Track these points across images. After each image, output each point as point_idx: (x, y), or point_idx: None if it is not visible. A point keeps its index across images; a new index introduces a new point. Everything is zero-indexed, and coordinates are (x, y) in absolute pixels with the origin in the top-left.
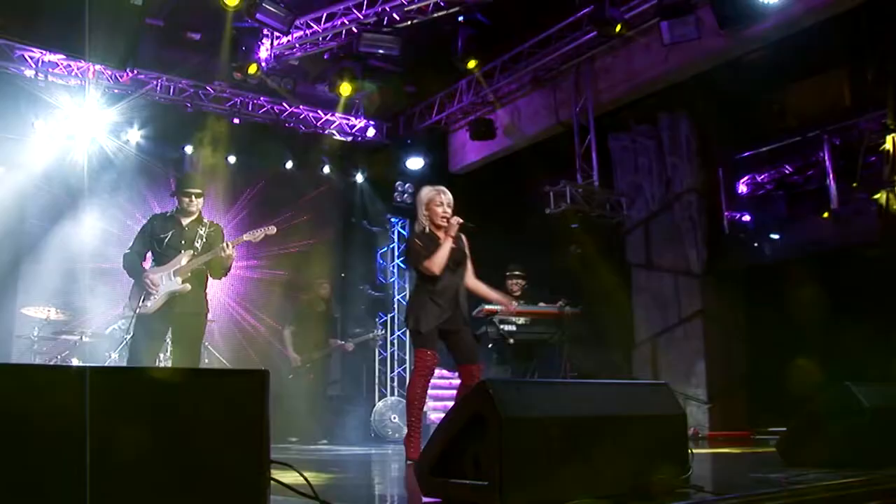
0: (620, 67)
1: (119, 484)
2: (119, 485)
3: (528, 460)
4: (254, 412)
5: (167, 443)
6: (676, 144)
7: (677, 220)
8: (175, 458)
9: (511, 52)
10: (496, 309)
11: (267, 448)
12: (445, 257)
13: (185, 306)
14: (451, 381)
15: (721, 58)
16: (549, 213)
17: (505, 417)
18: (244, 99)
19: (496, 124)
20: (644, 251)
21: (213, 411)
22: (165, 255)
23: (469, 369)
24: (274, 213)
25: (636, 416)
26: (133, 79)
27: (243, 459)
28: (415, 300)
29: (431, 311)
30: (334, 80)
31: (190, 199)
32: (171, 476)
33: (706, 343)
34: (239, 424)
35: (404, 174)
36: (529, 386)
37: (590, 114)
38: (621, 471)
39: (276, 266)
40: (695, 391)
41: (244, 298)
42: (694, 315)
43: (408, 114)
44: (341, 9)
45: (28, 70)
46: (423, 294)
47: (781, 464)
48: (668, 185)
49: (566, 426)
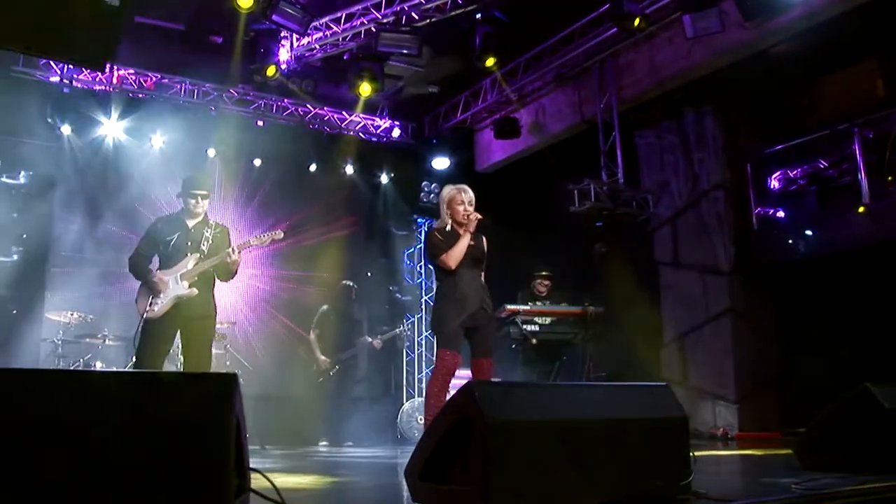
0: (643, 63)
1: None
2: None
3: (515, 466)
4: (220, 416)
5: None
6: (703, 140)
7: (704, 216)
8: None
9: (534, 50)
10: (519, 309)
11: (232, 452)
12: (462, 251)
13: (192, 310)
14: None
15: (746, 51)
16: (574, 211)
17: (490, 421)
18: (268, 101)
19: (520, 123)
20: (671, 249)
21: (178, 415)
22: (172, 258)
23: (480, 363)
24: (298, 214)
25: (633, 420)
26: (157, 83)
27: (208, 463)
28: (439, 302)
29: (453, 310)
30: (354, 81)
31: (196, 200)
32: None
33: (734, 342)
34: (204, 428)
35: (430, 174)
36: (518, 389)
37: (614, 110)
38: (617, 477)
39: (301, 267)
40: (723, 391)
41: (270, 301)
42: (722, 313)
43: (433, 114)
44: (360, 9)
45: (53, 76)
46: (445, 293)
47: (799, 468)
48: (694, 182)
49: (556, 431)
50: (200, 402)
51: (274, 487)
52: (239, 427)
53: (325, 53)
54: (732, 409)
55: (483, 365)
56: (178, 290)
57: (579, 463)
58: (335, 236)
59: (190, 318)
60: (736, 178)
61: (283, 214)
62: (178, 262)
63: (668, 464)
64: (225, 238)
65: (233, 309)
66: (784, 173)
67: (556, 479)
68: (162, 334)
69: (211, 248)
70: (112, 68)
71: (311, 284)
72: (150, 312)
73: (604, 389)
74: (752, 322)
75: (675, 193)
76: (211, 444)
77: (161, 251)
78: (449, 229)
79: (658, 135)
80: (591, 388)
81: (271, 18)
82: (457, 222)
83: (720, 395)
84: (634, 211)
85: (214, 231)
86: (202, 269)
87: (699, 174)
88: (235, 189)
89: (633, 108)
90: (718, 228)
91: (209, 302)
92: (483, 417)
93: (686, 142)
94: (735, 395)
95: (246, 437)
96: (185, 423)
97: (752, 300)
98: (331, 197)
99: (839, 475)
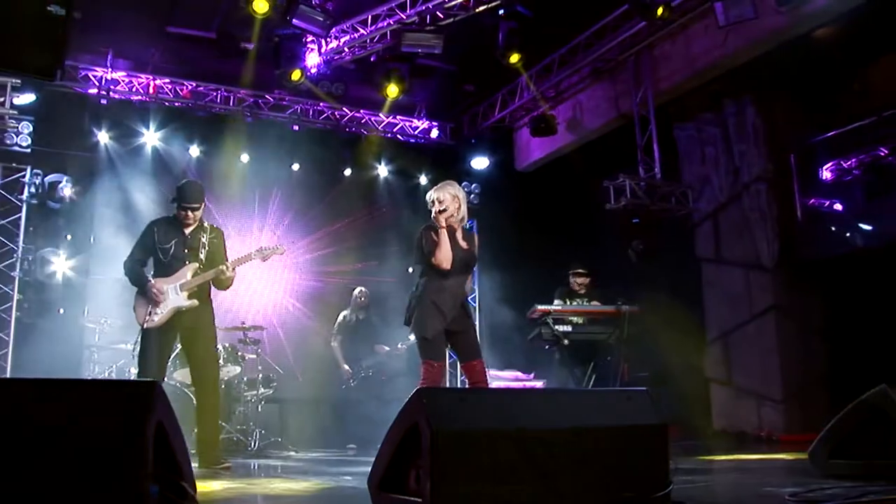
0: (679, 54)
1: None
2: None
3: (468, 475)
4: (133, 424)
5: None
6: (743, 131)
7: (746, 210)
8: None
9: (567, 45)
10: (549, 309)
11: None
12: (448, 250)
13: (191, 318)
14: (525, 383)
15: (783, 36)
16: (610, 208)
17: (438, 430)
18: (304, 106)
19: (558, 120)
20: (713, 244)
21: (92, 423)
22: (170, 266)
23: (472, 366)
24: (336, 217)
25: (604, 428)
26: (193, 91)
27: (120, 472)
28: (417, 304)
29: (436, 315)
30: (381, 83)
31: (187, 213)
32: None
33: (779, 340)
34: (117, 436)
35: (470, 174)
36: (473, 396)
37: (650, 104)
38: (585, 487)
39: (338, 273)
40: (769, 391)
41: (304, 304)
42: (766, 310)
43: (471, 113)
44: (385, 10)
45: (92, 88)
46: (426, 296)
47: (815, 474)
48: (736, 175)
49: (515, 439)
50: (114, 411)
51: (192, 495)
52: (164, 436)
53: (354, 56)
54: (778, 410)
55: (476, 367)
56: (178, 302)
57: (542, 472)
58: (373, 240)
59: (189, 326)
60: (779, 169)
61: (321, 218)
62: (177, 270)
63: (645, 473)
64: (220, 242)
65: (265, 314)
66: (837, 163)
67: (515, 489)
68: (162, 342)
69: (208, 254)
70: (148, 78)
71: (341, 290)
72: (150, 322)
73: (574, 396)
74: (798, 319)
75: (716, 187)
76: (125, 452)
77: (158, 258)
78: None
79: (698, 127)
80: (562, 394)
81: (291, 22)
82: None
83: (765, 395)
84: (673, 206)
85: (210, 236)
86: (200, 281)
87: (740, 167)
88: (273, 195)
89: (671, 101)
90: (761, 222)
91: (207, 309)
92: (431, 426)
93: (726, 134)
94: (781, 395)
95: (182, 445)
96: (100, 432)
97: (798, 296)
98: (368, 200)
99: (853, 484)
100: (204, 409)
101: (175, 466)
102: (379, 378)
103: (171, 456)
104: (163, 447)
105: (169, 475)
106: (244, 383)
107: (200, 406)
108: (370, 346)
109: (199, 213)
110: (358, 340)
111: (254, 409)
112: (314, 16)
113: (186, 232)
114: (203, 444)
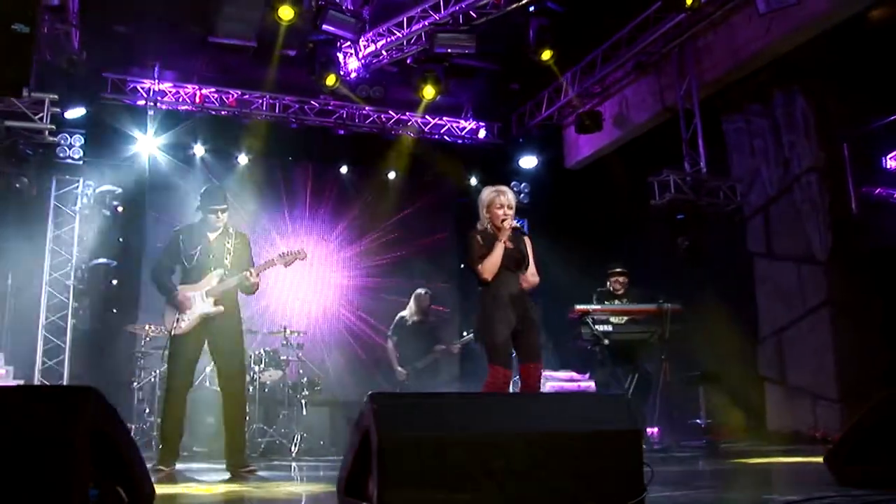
0: (722, 44)
1: None
2: None
3: (417, 482)
4: (64, 431)
5: None
6: (792, 122)
7: (798, 203)
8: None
9: (610, 40)
10: (588, 309)
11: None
12: (498, 261)
13: (218, 324)
14: (579, 383)
15: (827, 21)
16: (654, 204)
17: (385, 436)
18: (350, 110)
19: (605, 116)
20: (764, 239)
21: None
22: (195, 273)
23: (528, 368)
24: (385, 219)
25: (569, 434)
26: (238, 99)
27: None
28: (484, 312)
29: (503, 320)
30: (418, 84)
31: (216, 215)
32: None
33: (835, 336)
34: (47, 443)
35: (518, 173)
36: (427, 401)
37: (694, 96)
38: (548, 495)
39: (384, 274)
40: (824, 389)
41: (357, 307)
42: (820, 305)
43: (519, 112)
44: (419, 12)
45: (140, 100)
46: (490, 303)
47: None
48: (786, 167)
49: (470, 445)
50: (43, 419)
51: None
52: (106, 441)
53: (392, 59)
54: (834, 409)
55: (531, 370)
56: (204, 308)
57: (500, 480)
58: (422, 242)
59: (216, 332)
60: (831, 159)
61: (370, 221)
62: (203, 277)
63: (616, 481)
64: (246, 247)
65: (310, 318)
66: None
67: (469, 497)
68: (190, 349)
69: (233, 259)
70: (194, 88)
71: (392, 292)
72: (178, 329)
73: (539, 401)
74: (855, 314)
75: (765, 180)
76: (54, 459)
77: (184, 265)
78: (490, 231)
79: (746, 119)
80: (528, 399)
81: (321, 28)
82: (496, 226)
83: (821, 395)
84: (721, 201)
85: (235, 241)
86: (226, 287)
87: (790, 158)
88: (322, 199)
89: (717, 93)
90: (812, 214)
91: (234, 315)
92: (379, 432)
93: (775, 125)
94: (837, 394)
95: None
96: (29, 439)
97: (854, 290)
98: (417, 201)
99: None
100: (230, 414)
101: (122, 470)
102: (433, 381)
103: (116, 460)
104: (104, 452)
105: (109, 480)
106: (288, 387)
107: (227, 411)
108: (426, 348)
109: (226, 214)
110: (414, 342)
111: (298, 412)
112: (345, 20)
113: (211, 238)
114: (229, 448)
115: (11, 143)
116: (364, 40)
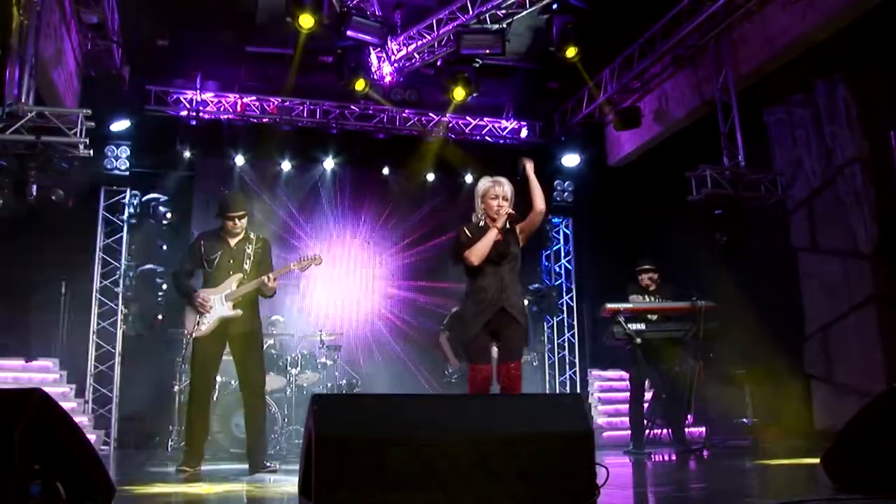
0: (757, 34)
1: None
2: None
3: (353, 483)
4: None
5: None
6: (835, 111)
7: (841, 195)
8: None
9: (645, 35)
10: (619, 307)
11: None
12: (488, 247)
13: (237, 327)
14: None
15: (865, 5)
16: (692, 200)
17: (321, 436)
18: (391, 114)
19: (644, 111)
20: (808, 233)
21: None
22: (215, 277)
23: (504, 367)
24: (427, 221)
25: (517, 435)
26: (279, 106)
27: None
28: (462, 301)
29: (478, 315)
30: (447, 85)
31: (234, 222)
32: None
33: (882, 332)
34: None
35: (561, 172)
36: (371, 402)
37: (731, 88)
38: (492, 498)
39: (427, 277)
40: (873, 387)
41: (397, 309)
42: (866, 300)
43: (561, 110)
44: (446, 14)
45: (183, 111)
46: (468, 292)
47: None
48: (828, 158)
49: (410, 447)
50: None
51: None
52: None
53: (424, 62)
54: None
55: (508, 369)
56: (223, 312)
57: (441, 482)
58: None
59: (236, 335)
60: (875, 149)
61: (412, 223)
62: (222, 281)
63: (566, 483)
64: (266, 251)
65: (349, 320)
66: None
67: (409, 498)
68: (211, 351)
69: (253, 264)
70: (235, 97)
71: (434, 294)
72: (198, 332)
73: (488, 402)
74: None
75: (808, 172)
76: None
77: (206, 269)
78: (482, 224)
79: (788, 110)
80: (475, 400)
81: (346, 34)
82: (490, 217)
83: (868, 392)
84: (762, 195)
85: (255, 246)
86: (245, 290)
87: (833, 149)
88: (363, 203)
89: (758, 85)
90: (857, 206)
91: (254, 318)
92: (317, 432)
93: (817, 115)
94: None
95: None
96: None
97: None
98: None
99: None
100: (250, 415)
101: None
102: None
103: (64, 458)
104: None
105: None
106: (325, 389)
107: (247, 412)
108: None
109: (244, 221)
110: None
111: None
112: (370, 25)
113: (232, 243)
114: (250, 448)
115: (47, 157)
116: (396, 44)
